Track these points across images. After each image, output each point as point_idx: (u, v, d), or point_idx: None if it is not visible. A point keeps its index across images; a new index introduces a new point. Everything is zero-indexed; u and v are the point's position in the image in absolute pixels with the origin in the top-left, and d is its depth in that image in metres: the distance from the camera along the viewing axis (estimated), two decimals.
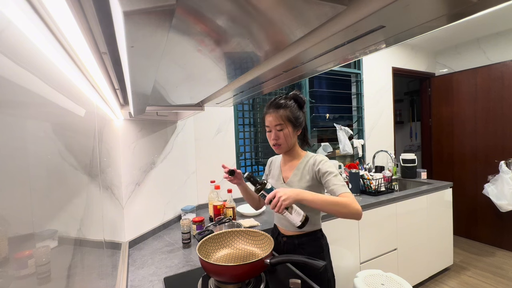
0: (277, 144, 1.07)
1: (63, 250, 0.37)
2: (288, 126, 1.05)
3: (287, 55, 0.46)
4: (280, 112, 1.04)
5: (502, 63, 2.73)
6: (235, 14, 0.28)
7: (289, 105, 1.05)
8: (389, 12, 0.29)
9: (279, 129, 1.05)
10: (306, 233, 1.08)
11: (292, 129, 1.06)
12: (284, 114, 1.03)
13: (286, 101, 1.06)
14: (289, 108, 1.04)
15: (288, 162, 1.14)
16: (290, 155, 1.13)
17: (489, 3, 0.28)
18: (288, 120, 1.04)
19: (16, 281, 0.23)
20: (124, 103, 0.99)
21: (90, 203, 0.56)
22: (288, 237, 1.12)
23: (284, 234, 1.14)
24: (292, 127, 1.06)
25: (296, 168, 1.09)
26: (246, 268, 0.83)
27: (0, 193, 0.22)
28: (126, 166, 1.35)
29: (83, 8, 0.29)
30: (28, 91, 0.28)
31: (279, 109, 1.04)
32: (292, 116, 1.04)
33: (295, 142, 1.11)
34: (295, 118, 1.05)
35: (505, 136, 2.72)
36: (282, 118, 1.03)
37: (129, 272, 1.10)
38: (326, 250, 1.12)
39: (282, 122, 1.04)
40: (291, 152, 1.12)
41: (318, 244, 1.09)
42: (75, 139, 0.47)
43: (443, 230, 2.33)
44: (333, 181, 0.98)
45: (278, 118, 1.03)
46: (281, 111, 1.04)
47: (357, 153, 2.73)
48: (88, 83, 0.56)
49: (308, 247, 1.08)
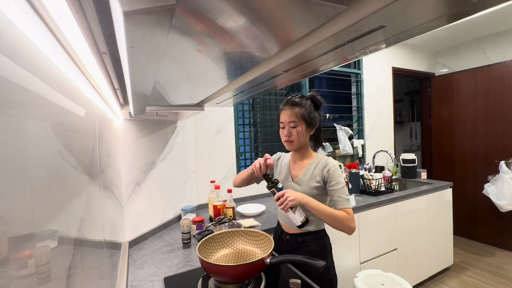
0: (289, 141, 1.09)
1: (63, 250, 0.37)
2: (302, 124, 1.06)
3: (287, 55, 0.46)
4: (295, 109, 1.06)
5: (502, 63, 2.73)
6: (235, 14, 0.28)
7: (304, 104, 1.07)
8: (389, 12, 0.29)
9: (292, 126, 1.06)
10: (310, 232, 1.10)
11: (306, 128, 1.08)
12: (299, 112, 1.05)
13: (302, 100, 1.08)
14: (305, 107, 1.06)
15: (298, 161, 1.15)
16: (301, 154, 1.14)
17: (489, 3, 0.28)
18: (302, 118, 1.06)
19: (16, 281, 0.23)
20: (124, 103, 0.99)
21: (90, 203, 0.56)
22: (292, 235, 1.13)
23: (287, 232, 1.15)
24: (306, 126, 1.07)
25: (306, 168, 1.11)
26: (246, 268, 0.83)
27: (0, 193, 0.22)
28: (126, 166, 1.35)
29: (83, 8, 0.29)
30: (28, 91, 0.28)
31: (294, 106, 1.06)
32: (306, 115, 1.06)
33: (307, 142, 1.13)
34: (310, 117, 1.07)
35: (505, 136, 2.72)
36: (297, 115, 1.05)
37: (129, 272, 1.10)
38: (329, 249, 1.13)
39: (296, 119, 1.06)
40: (302, 151, 1.14)
41: (322, 243, 1.11)
42: (75, 139, 0.47)
43: (443, 230, 2.33)
44: (339, 193, 1.03)
45: (292, 115, 1.06)
46: (297, 109, 1.05)
47: (357, 153, 2.73)
48: (88, 83, 0.56)
49: (312, 245, 1.09)
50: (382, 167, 2.50)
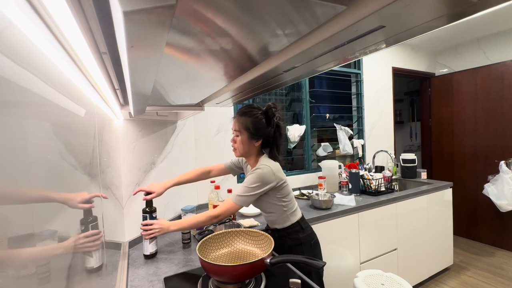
0: (233, 148, 1.16)
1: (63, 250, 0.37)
2: (244, 134, 1.10)
3: (287, 55, 0.46)
4: (241, 119, 1.10)
5: (502, 63, 2.73)
6: (235, 15, 0.28)
7: (252, 114, 1.09)
8: (389, 12, 0.29)
9: (236, 135, 1.13)
10: (283, 228, 1.16)
11: (248, 138, 1.10)
12: (243, 122, 1.09)
13: (252, 111, 1.10)
14: (251, 118, 1.08)
15: (249, 166, 1.24)
16: (249, 161, 1.21)
17: (489, 3, 0.28)
18: (245, 129, 1.09)
19: (16, 281, 0.23)
20: (124, 103, 0.99)
21: None
22: (272, 230, 1.21)
23: (269, 227, 1.24)
24: (248, 136, 1.10)
25: (250, 172, 1.13)
26: (246, 268, 0.83)
27: (0, 193, 0.22)
28: (126, 166, 1.35)
29: (83, 8, 0.29)
30: (28, 91, 0.28)
31: (241, 116, 1.11)
32: (251, 126, 1.08)
33: (252, 151, 1.15)
34: (255, 128, 1.09)
35: (505, 136, 2.72)
36: (241, 125, 1.10)
37: (129, 272, 1.10)
38: (307, 244, 1.16)
39: (238, 129, 1.11)
40: (249, 159, 1.19)
41: (296, 237, 1.15)
42: (75, 139, 0.47)
43: (443, 230, 2.33)
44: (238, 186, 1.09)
45: (236, 124, 1.11)
46: (242, 119, 1.10)
47: (357, 153, 2.73)
48: (88, 83, 0.56)
49: (287, 240, 1.15)
50: (382, 167, 2.50)
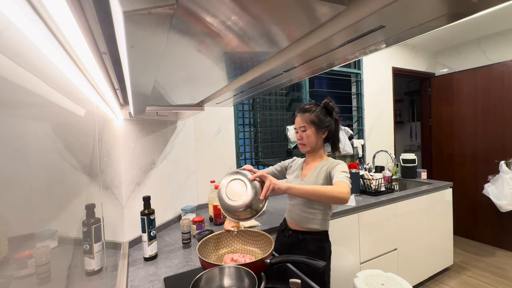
0: (302, 144, 1.19)
1: (63, 250, 0.37)
2: (311, 128, 1.15)
3: (287, 55, 0.46)
4: (304, 116, 1.16)
5: (502, 63, 2.73)
6: (235, 15, 0.28)
7: (314, 110, 1.16)
8: (389, 12, 0.29)
9: (302, 130, 1.17)
10: (310, 231, 1.13)
11: (315, 130, 1.16)
12: (308, 117, 1.15)
13: (312, 106, 1.17)
14: (314, 113, 1.15)
15: (310, 162, 1.23)
16: (313, 156, 1.22)
17: (489, 3, 0.28)
18: (311, 123, 1.15)
19: (16, 281, 0.23)
20: (124, 103, 0.99)
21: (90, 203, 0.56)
22: (294, 231, 1.17)
23: (290, 228, 1.19)
24: (316, 129, 1.15)
25: (315, 167, 1.17)
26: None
27: (0, 193, 0.22)
28: (126, 166, 1.35)
29: (83, 8, 0.29)
30: (28, 91, 0.28)
31: (304, 113, 1.16)
32: (316, 119, 1.15)
33: (319, 145, 1.20)
34: (320, 121, 1.15)
35: (505, 136, 2.72)
36: (306, 121, 1.16)
37: (129, 272, 1.10)
38: (328, 254, 1.15)
39: (305, 124, 1.16)
40: (314, 153, 1.21)
41: (321, 245, 1.13)
42: (75, 139, 0.47)
43: (443, 230, 2.33)
44: (337, 172, 1.06)
45: (302, 121, 1.16)
46: (306, 115, 1.16)
47: (357, 153, 2.73)
48: (88, 83, 0.56)
49: (310, 245, 1.12)
50: (382, 167, 2.50)
